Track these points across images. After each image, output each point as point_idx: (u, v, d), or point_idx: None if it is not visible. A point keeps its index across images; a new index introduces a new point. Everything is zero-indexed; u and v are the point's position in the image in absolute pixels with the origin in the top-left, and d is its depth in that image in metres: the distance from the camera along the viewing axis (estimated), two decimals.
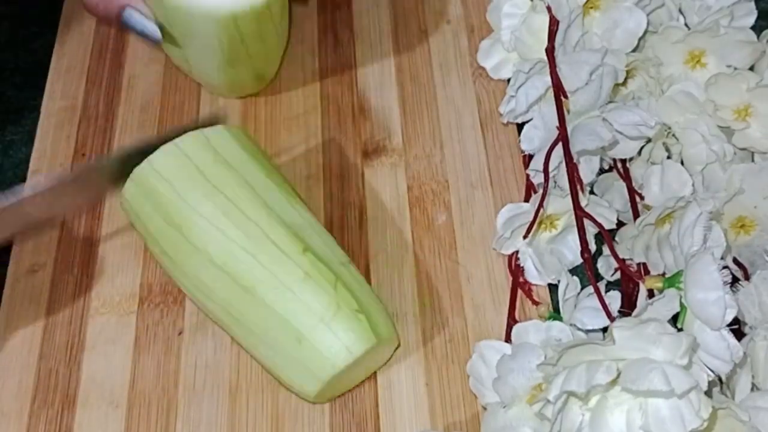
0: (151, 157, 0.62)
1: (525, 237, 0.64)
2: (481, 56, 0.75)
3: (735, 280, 0.60)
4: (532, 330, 0.58)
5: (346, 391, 0.62)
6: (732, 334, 0.50)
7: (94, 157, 0.73)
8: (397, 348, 0.63)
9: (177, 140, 0.62)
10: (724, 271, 0.49)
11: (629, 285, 0.59)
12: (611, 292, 0.58)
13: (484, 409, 0.59)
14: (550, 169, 0.63)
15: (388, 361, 0.63)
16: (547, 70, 0.65)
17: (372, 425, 0.61)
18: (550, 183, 0.63)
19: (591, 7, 0.67)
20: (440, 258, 0.68)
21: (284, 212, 0.62)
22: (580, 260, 0.64)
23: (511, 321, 0.63)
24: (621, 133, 0.62)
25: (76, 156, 0.74)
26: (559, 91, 0.65)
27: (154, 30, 0.66)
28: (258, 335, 0.60)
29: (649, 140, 0.66)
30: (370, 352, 0.59)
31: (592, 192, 0.68)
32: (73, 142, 0.74)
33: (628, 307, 0.58)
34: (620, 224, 0.65)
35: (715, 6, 0.69)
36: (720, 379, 0.54)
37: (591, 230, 0.64)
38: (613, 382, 0.47)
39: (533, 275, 0.65)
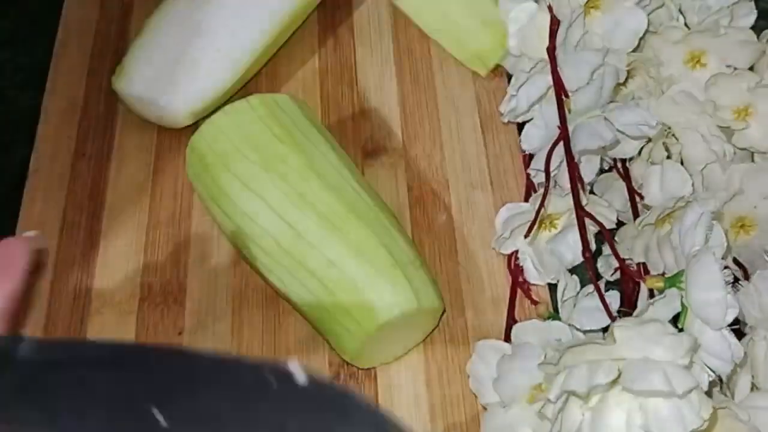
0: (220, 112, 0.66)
1: (526, 236, 0.64)
2: None
3: (735, 280, 0.60)
4: (532, 330, 0.58)
5: (385, 361, 0.63)
6: (733, 334, 0.50)
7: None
8: (442, 315, 0.64)
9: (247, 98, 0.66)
10: (725, 271, 0.49)
11: (629, 285, 0.59)
12: (610, 292, 0.58)
13: (484, 409, 0.59)
14: (551, 169, 0.63)
15: (389, 361, 0.63)
16: (548, 69, 0.66)
17: None
18: (551, 182, 0.63)
19: (592, 7, 0.67)
20: (440, 258, 0.68)
21: (350, 179, 0.64)
22: (580, 260, 0.64)
23: (511, 321, 0.63)
24: (622, 132, 0.62)
25: (76, 156, 0.74)
26: (560, 90, 0.65)
27: None
28: (313, 287, 0.60)
29: (649, 140, 0.66)
30: (418, 315, 0.60)
31: (591, 192, 0.68)
32: (73, 142, 0.74)
33: (627, 307, 0.58)
34: (620, 224, 0.65)
35: (715, 6, 0.69)
36: (720, 379, 0.54)
37: (590, 230, 0.64)
38: (614, 382, 0.47)
39: (532, 275, 0.65)
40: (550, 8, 0.67)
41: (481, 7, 0.75)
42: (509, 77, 0.73)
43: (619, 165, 0.67)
